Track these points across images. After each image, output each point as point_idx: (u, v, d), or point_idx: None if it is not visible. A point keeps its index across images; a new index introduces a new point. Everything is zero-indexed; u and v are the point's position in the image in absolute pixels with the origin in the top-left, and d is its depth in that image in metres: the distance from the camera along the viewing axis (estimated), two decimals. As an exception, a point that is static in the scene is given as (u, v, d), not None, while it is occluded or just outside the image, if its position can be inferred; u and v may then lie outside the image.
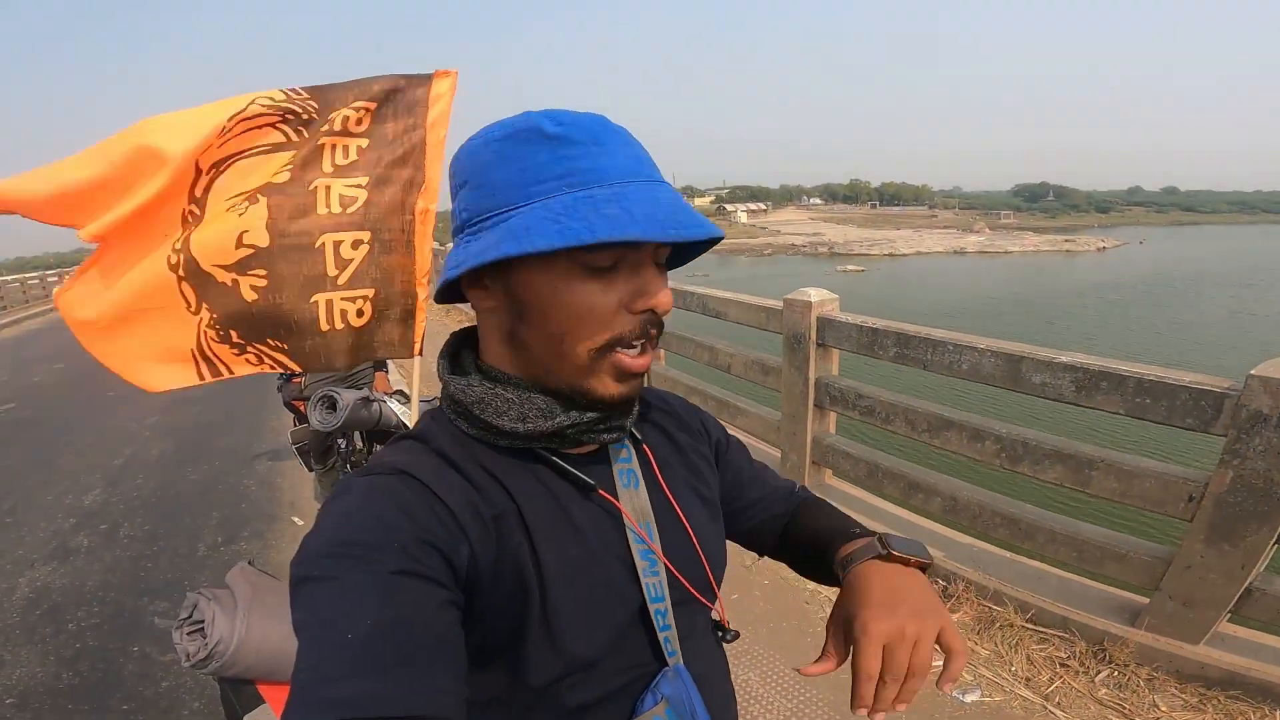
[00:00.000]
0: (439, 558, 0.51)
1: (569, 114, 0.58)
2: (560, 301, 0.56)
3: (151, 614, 2.97)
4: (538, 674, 0.57)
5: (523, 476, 0.61)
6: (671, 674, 0.63)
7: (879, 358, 3.04)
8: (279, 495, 4.17)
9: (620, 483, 0.66)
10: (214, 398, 6.28)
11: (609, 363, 0.58)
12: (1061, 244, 54.57)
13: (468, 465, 0.59)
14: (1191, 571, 2.05)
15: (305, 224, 1.77)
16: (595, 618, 0.59)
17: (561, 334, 0.57)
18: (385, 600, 0.47)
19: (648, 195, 0.55)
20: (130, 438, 5.60)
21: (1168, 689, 2.05)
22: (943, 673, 0.59)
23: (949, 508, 2.81)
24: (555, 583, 0.57)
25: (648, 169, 0.58)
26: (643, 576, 0.63)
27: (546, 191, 0.55)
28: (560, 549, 0.59)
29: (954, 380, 2.81)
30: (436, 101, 1.85)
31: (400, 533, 0.51)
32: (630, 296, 0.57)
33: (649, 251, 0.57)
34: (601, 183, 0.55)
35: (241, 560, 1.36)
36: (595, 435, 0.62)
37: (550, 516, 0.60)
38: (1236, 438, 1.90)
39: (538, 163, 0.55)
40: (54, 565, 3.51)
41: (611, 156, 0.56)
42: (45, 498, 4.43)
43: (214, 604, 1.18)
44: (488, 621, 0.55)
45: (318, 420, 2.54)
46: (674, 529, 0.67)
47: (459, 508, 0.55)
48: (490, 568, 0.55)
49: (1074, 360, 2.27)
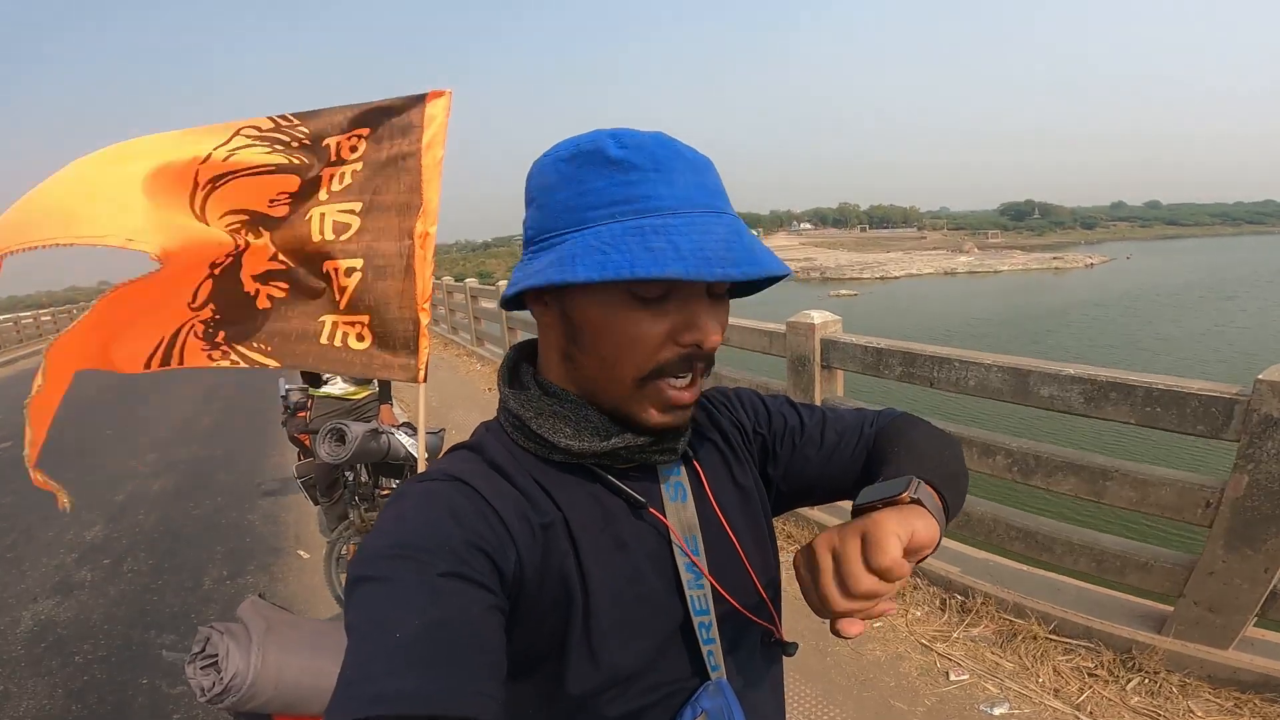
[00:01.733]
0: (487, 562, 0.52)
1: (635, 135, 0.57)
2: (609, 327, 0.57)
3: (159, 647, 2.94)
4: (577, 683, 0.57)
5: (572, 490, 0.61)
6: (713, 688, 0.62)
7: (885, 377, 3.05)
8: (283, 530, 4.15)
9: (667, 496, 0.66)
10: (214, 435, 6.29)
11: (654, 391, 0.58)
12: (1050, 262, 55.13)
13: (519, 476, 0.60)
14: (1215, 577, 2.05)
15: (306, 254, 1.81)
16: (637, 630, 0.59)
17: (609, 359, 0.58)
18: (432, 602, 0.48)
19: (700, 227, 0.53)
20: (130, 474, 5.59)
21: (1201, 694, 2.03)
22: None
23: (962, 523, 2.80)
24: (598, 594, 0.58)
25: (708, 196, 0.56)
26: (686, 589, 0.62)
27: (600, 218, 0.55)
28: (605, 562, 0.59)
29: (948, 400, 2.83)
30: (431, 122, 1.82)
31: (451, 537, 0.52)
32: (679, 328, 0.56)
33: (702, 287, 0.57)
34: (656, 212, 0.54)
35: (251, 594, 1.36)
36: (647, 456, 0.63)
37: (597, 530, 0.60)
38: (1250, 443, 1.91)
39: (596, 188, 0.55)
40: (58, 599, 3.49)
41: (670, 184, 0.55)
42: (46, 533, 4.41)
43: (227, 638, 1.17)
44: (530, 628, 0.56)
45: (326, 452, 2.53)
46: (721, 543, 0.67)
47: (508, 515, 0.56)
48: (536, 575, 0.56)
49: (1082, 372, 2.29)
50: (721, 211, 0.57)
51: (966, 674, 2.29)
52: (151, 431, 6.76)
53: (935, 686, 2.27)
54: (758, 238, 0.59)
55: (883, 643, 2.53)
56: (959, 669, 2.32)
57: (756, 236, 0.58)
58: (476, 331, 9.42)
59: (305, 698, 1.17)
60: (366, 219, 1.80)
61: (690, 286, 0.56)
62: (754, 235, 0.58)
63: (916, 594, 2.80)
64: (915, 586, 2.83)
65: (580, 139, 0.58)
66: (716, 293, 0.59)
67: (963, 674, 2.29)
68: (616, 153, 0.55)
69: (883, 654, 2.47)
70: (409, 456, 2.79)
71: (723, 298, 0.60)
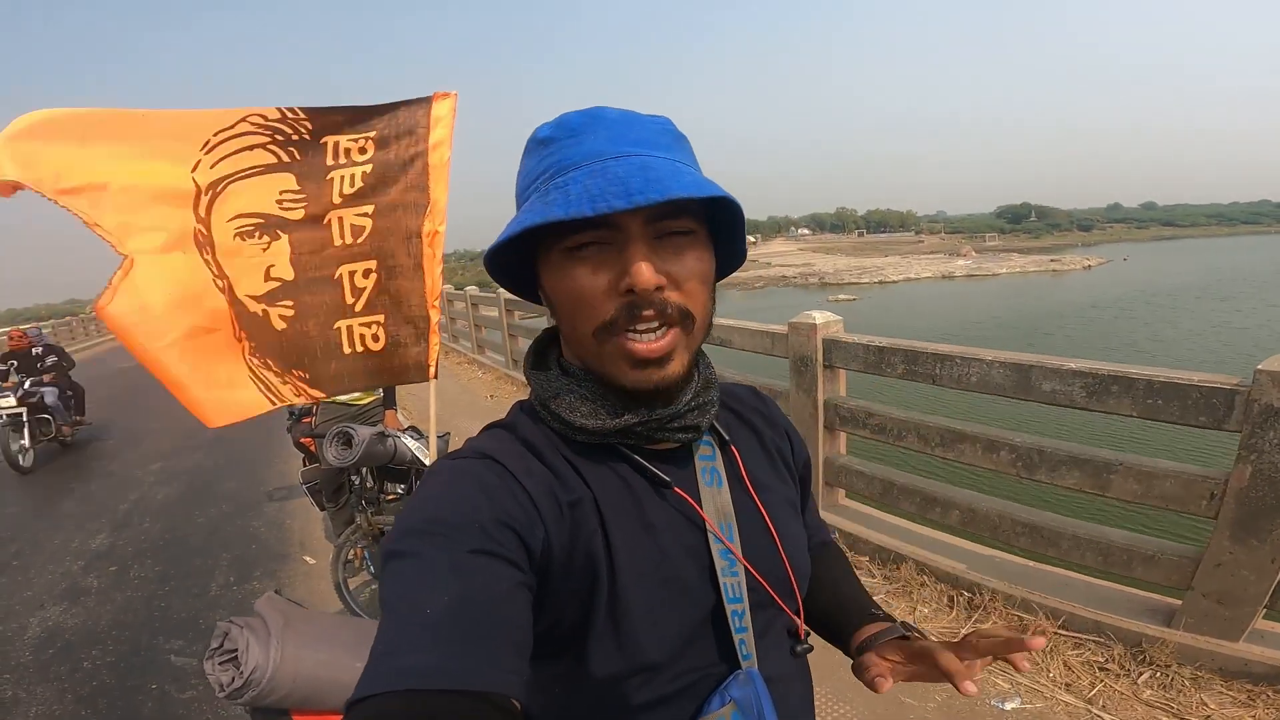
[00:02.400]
0: (515, 539, 0.53)
1: (566, 115, 0.59)
2: (559, 289, 0.58)
3: (168, 652, 2.94)
4: (601, 665, 0.57)
5: (602, 469, 0.61)
6: (743, 677, 0.61)
7: (887, 375, 3.06)
8: (289, 536, 4.16)
9: (703, 481, 0.65)
10: (217, 444, 6.29)
11: (614, 348, 0.57)
12: (1048, 264, 55.18)
13: (549, 453, 0.61)
14: (1222, 569, 2.06)
15: (325, 257, 1.82)
16: (665, 615, 0.59)
17: (569, 320, 0.59)
18: (461, 578, 0.49)
19: (598, 172, 0.53)
20: (134, 483, 5.60)
21: (1213, 687, 2.04)
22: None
23: (967, 519, 2.82)
24: (625, 573, 0.58)
25: (623, 145, 0.56)
26: (720, 576, 0.61)
27: (529, 194, 0.58)
28: (633, 543, 0.59)
29: (950, 397, 2.84)
30: (437, 123, 1.87)
31: (480, 513, 0.53)
32: (617, 277, 0.55)
33: (635, 228, 0.54)
34: (563, 171, 0.55)
35: (269, 590, 1.36)
36: (669, 434, 0.62)
37: (625, 510, 0.60)
38: (1251, 433, 1.93)
39: (528, 168, 0.60)
40: (64, 605, 3.50)
41: (580, 145, 0.56)
42: (51, 542, 4.42)
43: (246, 632, 1.17)
44: (558, 606, 0.56)
45: (333, 456, 2.54)
46: (757, 530, 0.66)
47: (537, 492, 0.56)
48: (564, 553, 0.56)
49: (1083, 366, 2.30)
50: (632, 155, 0.55)
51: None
52: (155, 441, 6.76)
53: (945, 683, 2.26)
54: (687, 169, 0.57)
55: (891, 642, 2.53)
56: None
57: (685, 168, 0.57)
58: (478, 339, 9.44)
59: (323, 691, 1.17)
60: (378, 220, 1.84)
61: (622, 233, 0.54)
62: (681, 166, 0.57)
63: (924, 591, 2.80)
64: (922, 584, 2.83)
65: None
66: (674, 231, 0.56)
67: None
68: (544, 133, 0.59)
69: (891, 653, 2.47)
70: (415, 460, 2.80)
71: (681, 239, 0.57)
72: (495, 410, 6.61)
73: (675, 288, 0.56)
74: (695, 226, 0.58)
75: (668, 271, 0.56)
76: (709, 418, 0.65)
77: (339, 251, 1.83)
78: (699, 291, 0.58)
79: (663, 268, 0.55)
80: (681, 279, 0.57)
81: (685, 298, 0.57)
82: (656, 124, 0.60)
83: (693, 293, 0.58)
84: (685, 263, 0.57)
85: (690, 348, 0.60)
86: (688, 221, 0.57)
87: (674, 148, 0.59)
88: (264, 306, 1.75)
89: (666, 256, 0.56)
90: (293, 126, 1.77)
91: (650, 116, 0.60)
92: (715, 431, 0.69)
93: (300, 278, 1.79)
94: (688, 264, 0.57)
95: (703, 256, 0.59)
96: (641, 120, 0.59)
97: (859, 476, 3.29)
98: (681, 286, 0.57)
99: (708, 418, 0.65)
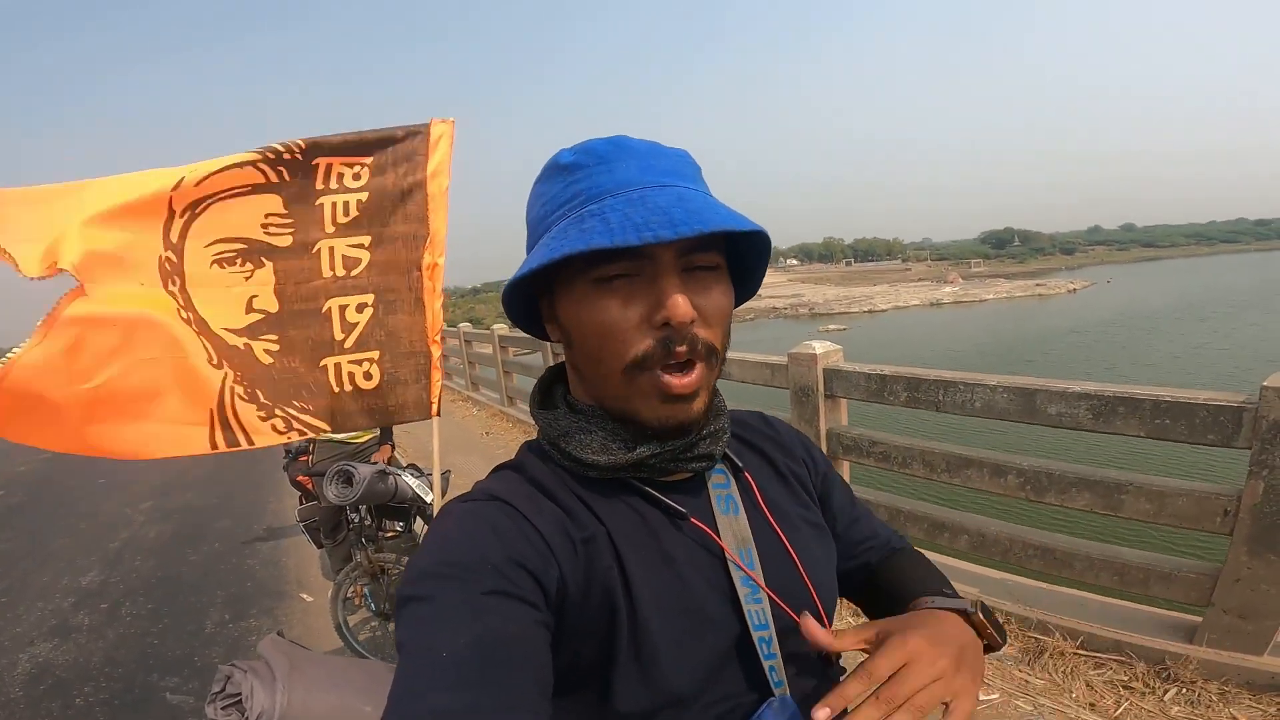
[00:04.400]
0: (529, 579, 0.52)
1: (590, 142, 0.58)
2: (584, 322, 0.57)
3: (163, 690, 2.87)
4: (626, 700, 0.55)
5: (614, 503, 0.61)
6: (777, 704, 0.60)
7: (889, 403, 3.07)
8: (285, 574, 4.09)
9: (719, 509, 0.64)
10: (210, 482, 6.23)
11: (647, 383, 0.56)
12: (1034, 289, 55.89)
13: (559, 492, 0.60)
14: (1242, 584, 2.05)
15: (312, 289, 1.74)
16: (689, 646, 0.58)
17: (594, 355, 0.58)
18: (478, 619, 0.48)
19: (636, 200, 0.53)
20: (125, 522, 5.50)
21: (1242, 701, 2.01)
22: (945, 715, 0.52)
23: (977, 544, 2.79)
24: (644, 607, 0.56)
25: (655, 175, 0.56)
26: (744, 603, 0.61)
27: (556, 220, 0.57)
28: (651, 576, 0.58)
29: (955, 423, 2.83)
30: (435, 151, 1.81)
31: (493, 554, 0.52)
32: (651, 310, 0.54)
33: (667, 260, 0.54)
34: (597, 199, 0.55)
35: (268, 629, 1.32)
36: (682, 464, 0.62)
37: (640, 543, 0.59)
38: (1261, 449, 1.93)
39: (552, 194, 0.59)
40: (55, 642, 3.43)
41: (611, 173, 0.55)
42: (41, 579, 4.34)
43: (251, 676, 1.13)
44: (576, 643, 0.55)
45: (334, 494, 2.52)
46: (777, 555, 0.65)
47: (549, 531, 0.56)
48: (579, 590, 0.56)
49: (1088, 388, 2.31)
50: (667, 185, 0.55)
51: (996, 694, 2.25)
52: (145, 480, 6.65)
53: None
54: (719, 202, 0.57)
55: (907, 669, 2.49)
56: (988, 688, 2.28)
57: (715, 201, 0.56)
58: (471, 376, 9.41)
59: None
60: (376, 252, 1.77)
61: (654, 265, 0.54)
62: (712, 199, 0.57)
63: (937, 617, 2.76)
64: (936, 611, 2.80)
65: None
66: (699, 266, 0.56)
67: (992, 694, 2.25)
68: (568, 159, 0.58)
69: (908, 679, 2.43)
70: (416, 498, 2.78)
71: (707, 275, 0.57)
72: (491, 446, 6.58)
73: (704, 323, 0.56)
74: (719, 261, 0.58)
75: (698, 306, 0.55)
76: (721, 445, 0.65)
77: (328, 284, 1.75)
78: (722, 326, 0.58)
79: (694, 302, 0.55)
80: (709, 314, 0.56)
81: (711, 334, 0.57)
82: (679, 156, 0.60)
83: (717, 328, 0.58)
84: (713, 298, 0.57)
85: (710, 384, 0.60)
86: (714, 256, 0.57)
87: (698, 179, 0.60)
88: (246, 340, 1.66)
89: (696, 290, 0.55)
90: (285, 146, 1.71)
91: (671, 148, 0.60)
92: (728, 459, 0.68)
93: (285, 310, 1.71)
94: (714, 299, 0.57)
95: (726, 291, 0.59)
96: (666, 151, 0.59)
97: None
98: (709, 322, 0.56)
99: (720, 445, 0.64)
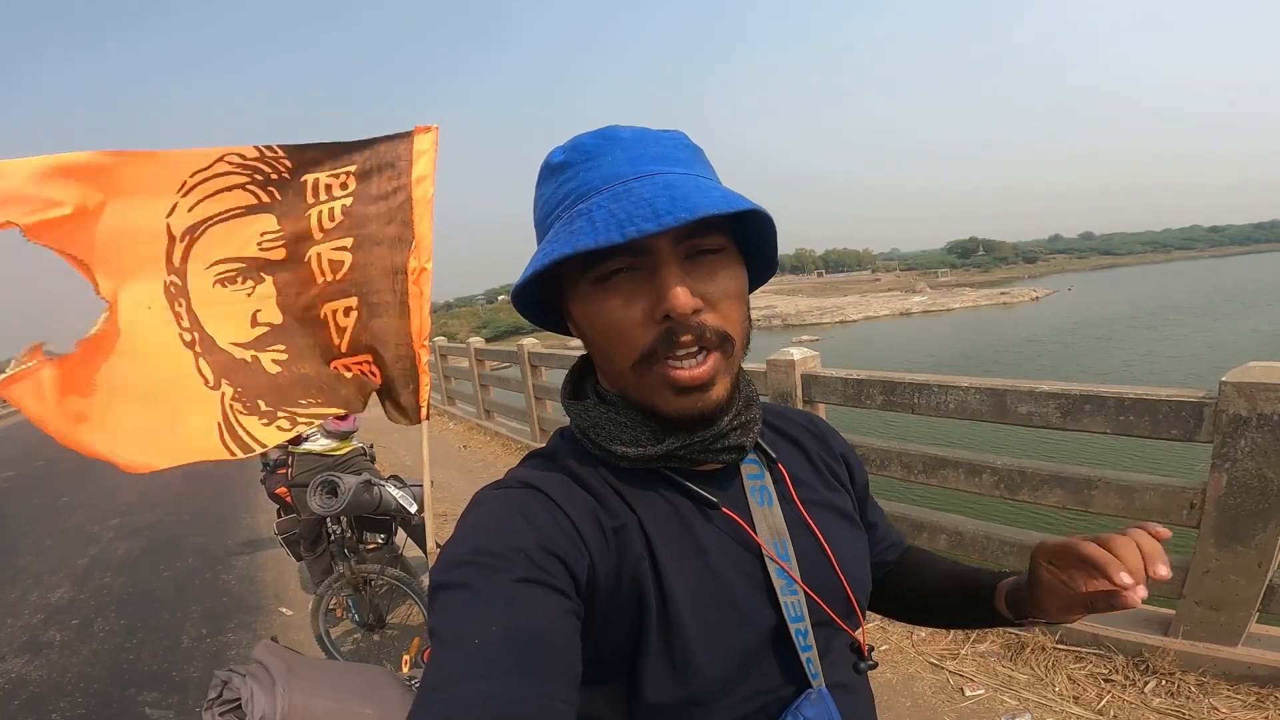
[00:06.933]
0: (561, 567, 0.52)
1: (579, 137, 0.58)
2: (592, 321, 0.57)
3: (142, 704, 2.81)
4: (656, 692, 0.55)
5: (645, 493, 0.60)
6: (815, 696, 0.60)
7: (866, 407, 3.12)
8: (262, 588, 4.02)
9: (754, 500, 0.64)
10: (181, 499, 6.09)
11: (657, 377, 0.56)
12: (999, 298, 57.02)
13: (592, 480, 0.60)
14: (1211, 575, 2.11)
15: (309, 297, 1.77)
16: (721, 637, 0.57)
17: (606, 352, 0.58)
18: (509, 608, 0.48)
19: (621, 195, 0.52)
20: (92, 539, 5.38)
21: (1220, 691, 2.07)
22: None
23: (955, 543, 2.84)
24: (676, 597, 0.56)
25: (642, 164, 0.55)
26: (780, 595, 0.60)
27: (552, 223, 0.57)
28: (683, 566, 0.58)
29: (929, 425, 2.89)
30: (420, 157, 1.82)
31: (525, 542, 0.52)
32: (654, 304, 0.53)
33: (665, 250, 0.53)
34: (584, 197, 0.54)
35: (256, 639, 1.30)
36: (713, 456, 0.61)
37: (672, 533, 0.59)
38: (1223, 442, 2.01)
39: (546, 196, 0.59)
40: (27, 657, 3.36)
41: (599, 168, 0.55)
42: (9, 595, 4.24)
43: (250, 680, 1.11)
44: (605, 633, 0.55)
45: (318, 505, 2.49)
46: (811, 547, 0.65)
47: (580, 519, 0.55)
48: (610, 579, 0.55)
49: (1056, 388, 2.38)
50: (655, 174, 0.54)
51: (982, 689, 2.29)
52: (112, 497, 6.47)
53: (953, 703, 2.27)
54: (712, 183, 0.55)
55: (892, 665, 2.52)
56: (973, 684, 2.32)
57: (708, 183, 0.55)
58: (447, 390, 9.33)
59: None
60: (357, 254, 1.78)
61: (652, 257, 0.53)
62: (705, 181, 0.55)
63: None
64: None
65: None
66: (704, 250, 0.55)
67: (978, 689, 2.29)
68: (558, 158, 0.58)
69: (894, 676, 2.47)
70: (399, 509, 2.76)
71: (713, 258, 0.56)
72: (469, 460, 6.51)
73: (711, 309, 0.55)
74: (725, 243, 0.56)
75: (702, 293, 0.54)
76: (753, 436, 0.63)
77: (321, 289, 1.77)
78: (735, 310, 0.57)
79: (697, 289, 0.54)
80: (716, 300, 0.55)
81: (722, 319, 0.56)
82: (672, 139, 0.58)
83: (729, 313, 0.56)
84: (719, 282, 0.55)
85: (731, 370, 0.59)
86: (718, 238, 0.56)
87: (693, 162, 0.58)
88: (253, 352, 1.69)
89: (700, 277, 0.54)
90: (271, 165, 1.71)
91: (665, 131, 0.59)
92: (761, 450, 0.67)
93: (289, 320, 1.74)
94: (721, 283, 0.55)
95: (736, 274, 0.57)
96: (657, 136, 0.58)
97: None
98: (717, 308, 0.55)
99: (751, 436, 0.63)
